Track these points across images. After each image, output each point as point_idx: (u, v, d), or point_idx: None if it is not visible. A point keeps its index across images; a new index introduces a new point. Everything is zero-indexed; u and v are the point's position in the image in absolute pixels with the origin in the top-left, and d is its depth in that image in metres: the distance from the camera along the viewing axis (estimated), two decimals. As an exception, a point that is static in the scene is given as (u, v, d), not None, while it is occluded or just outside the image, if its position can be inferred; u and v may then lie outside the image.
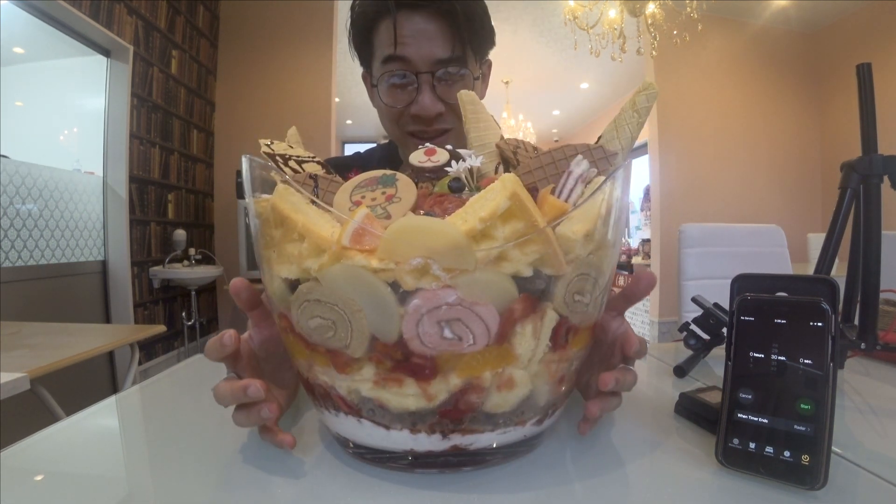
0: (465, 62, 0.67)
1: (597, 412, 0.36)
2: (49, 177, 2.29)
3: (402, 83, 0.67)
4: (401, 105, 0.67)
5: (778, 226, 1.76)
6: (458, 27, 0.64)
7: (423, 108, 0.65)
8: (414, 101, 0.66)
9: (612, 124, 0.40)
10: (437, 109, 0.66)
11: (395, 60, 0.65)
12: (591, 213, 0.31)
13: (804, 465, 0.30)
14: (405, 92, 0.67)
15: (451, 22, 0.64)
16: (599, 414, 0.36)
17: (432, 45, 0.64)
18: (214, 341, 0.36)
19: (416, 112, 0.66)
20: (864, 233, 0.57)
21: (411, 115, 0.67)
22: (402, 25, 0.63)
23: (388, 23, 0.64)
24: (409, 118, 0.68)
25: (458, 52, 0.65)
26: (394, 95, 0.68)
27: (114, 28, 2.56)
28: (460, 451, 0.33)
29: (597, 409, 0.36)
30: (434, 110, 0.66)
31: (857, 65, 0.59)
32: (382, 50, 0.66)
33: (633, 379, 0.37)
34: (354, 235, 0.28)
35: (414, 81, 0.66)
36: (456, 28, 0.64)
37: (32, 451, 0.39)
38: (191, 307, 3.26)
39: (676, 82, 3.86)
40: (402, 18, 0.63)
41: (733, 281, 0.37)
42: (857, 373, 0.61)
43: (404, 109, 0.68)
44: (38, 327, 1.53)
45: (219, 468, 0.36)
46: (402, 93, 0.67)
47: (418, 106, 0.66)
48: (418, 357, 0.29)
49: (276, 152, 0.39)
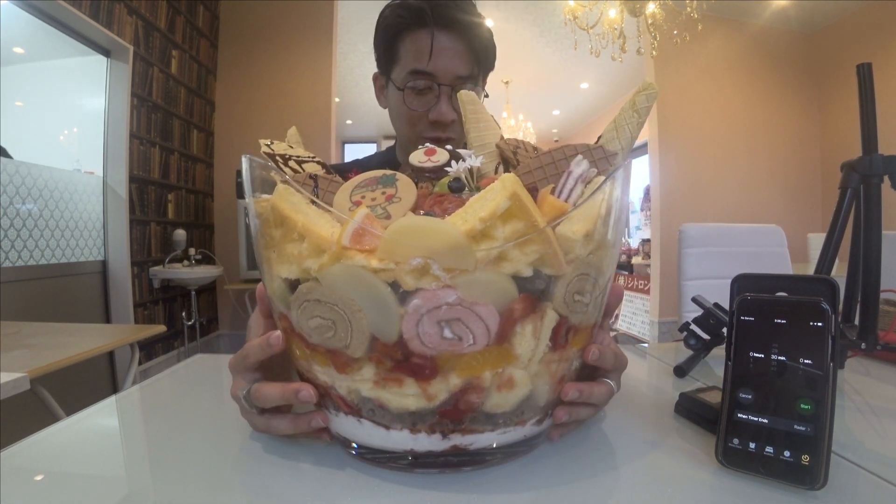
0: (476, 80, 0.75)
1: (563, 417, 0.36)
2: (49, 177, 2.29)
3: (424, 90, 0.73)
4: (422, 110, 0.74)
5: (778, 226, 1.76)
6: (476, 48, 0.73)
7: (442, 114, 0.73)
8: (433, 108, 0.73)
9: (612, 124, 0.40)
10: (452, 117, 0.74)
11: (423, 74, 0.72)
12: (591, 213, 0.31)
13: (804, 465, 0.30)
14: (425, 99, 0.74)
15: (472, 43, 0.72)
16: (568, 419, 0.36)
17: (455, 62, 0.72)
18: (259, 341, 0.36)
19: (435, 118, 0.73)
20: (864, 233, 0.57)
21: (429, 121, 0.74)
22: (436, 41, 0.70)
23: (418, 34, 0.71)
24: (426, 123, 0.75)
25: (475, 72, 0.74)
26: (416, 101, 0.74)
27: (114, 28, 2.56)
28: (460, 451, 0.33)
29: (563, 414, 0.36)
30: (450, 117, 0.73)
31: (857, 65, 0.59)
32: (411, 60, 0.72)
33: (606, 391, 0.37)
34: (354, 235, 0.28)
35: (436, 90, 0.73)
36: (475, 49, 0.73)
37: (32, 451, 0.39)
38: (191, 307, 3.26)
39: (676, 82, 3.86)
40: (438, 34, 0.70)
41: (733, 281, 0.37)
42: (857, 373, 0.61)
43: (423, 114, 0.74)
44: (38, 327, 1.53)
45: (219, 468, 0.36)
46: (422, 99, 0.74)
47: (437, 112, 0.73)
48: (418, 357, 0.29)
49: (276, 152, 0.39)
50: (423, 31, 0.70)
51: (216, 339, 3.64)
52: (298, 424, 0.35)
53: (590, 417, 0.39)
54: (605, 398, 0.37)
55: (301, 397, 0.34)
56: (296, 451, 0.37)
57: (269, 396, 0.35)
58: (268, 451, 0.37)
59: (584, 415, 0.38)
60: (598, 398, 0.37)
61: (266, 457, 0.36)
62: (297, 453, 0.37)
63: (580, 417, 0.38)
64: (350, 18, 3.86)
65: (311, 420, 0.35)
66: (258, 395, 0.35)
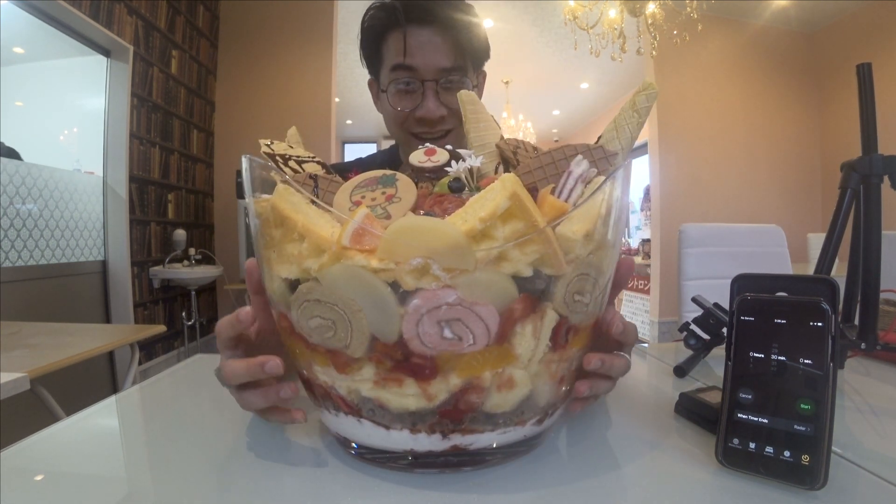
0: (465, 71, 0.73)
1: (584, 391, 0.36)
2: (49, 177, 2.29)
3: (408, 89, 0.72)
4: (407, 109, 0.73)
5: (778, 226, 1.76)
6: (459, 40, 0.71)
7: (428, 111, 0.72)
8: (419, 105, 0.72)
9: (612, 124, 0.40)
10: (441, 113, 0.72)
11: (403, 69, 0.71)
12: (591, 213, 0.31)
13: (804, 465, 0.30)
14: (411, 97, 0.73)
15: (453, 35, 0.71)
16: (589, 394, 0.36)
17: (437, 56, 0.70)
18: (230, 317, 0.36)
19: (422, 115, 0.72)
20: (864, 233, 0.57)
21: (416, 119, 0.73)
22: (411, 37, 0.70)
23: (397, 34, 0.71)
24: (413, 121, 0.74)
25: (460, 62, 0.72)
26: (401, 100, 0.73)
27: (114, 28, 2.56)
28: (460, 451, 0.33)
29: (585, 387, 0.36)
30: (437, 114, 0.72)
31: (857, 65, 0.59)
32: (391, 59, 0.72)
33: (624, 364, 0.38)
34: (354, 235, 0.28)
35: (420, 88, 0.72)
36: (457, 41, 0.71)
37: (32, 451, 0.39)
38: (191, 307, 3.26)
39: (676, 82, 3.86)
40: (411, 31, 0.70)
41: (733, 281, 0.37)
42: (857, 373, 0.61)
43: (410, 113, 0.73)
44: (38, 327, 1.53)
45: (218, 468, 0.35)
46: (408, 98, 0.73)
47: (423, 110, 0.72)
48: (418, 357, 0.29)
49: (276, 152, 0.39)
50: (399, 29, 0.70)
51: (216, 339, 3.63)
52: (268, 396, 0.35)
53: (608, 392, 0.39)
54: (623, 371, 0.38)
55: (267, 369, 0.34)
56: (296, 452, 0.37)
57: (236, 372, 0.35)
58: (268, 451, 0.37)
59: (602, 389, 0.38)
60: (618, 371, 0.37)
61: (266, 457, 0.36)
62: (296, 454, 0.37)
63: (599, 391, 0.38)
64: (350, 18, 3.86)
65: (279, 390, 0.34)
66: (226, 372, 0.35)
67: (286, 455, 0.37)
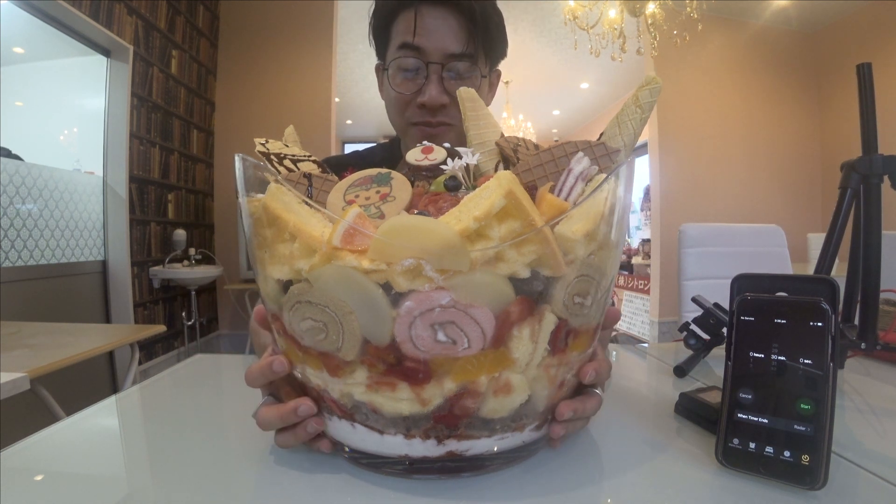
0: (475, 61, 0.69)
1: (560, 432, 0.35)
2: (49, 177, 2.29)
3: (412, 73, 0.69)
4: (409, 93, 0.69)
5: (778, 226, 1.75)
6: (474, 26, 0.67)
7: (430, 97, 0.67)
8: (421, 90, 0.68)
9: (615, 120, 0.39)
10: (443, 101, 0.68)
11: (409, 48, 0.67)
12: (592, 212, 0.30)
13: (804, 465, 0.30)
14: (414, 82, 0.69)
15: (468, 20, 0.67)
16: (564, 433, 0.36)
17: (447, 39, 0.66)
18: (263, 367, 0.35)
19: (423, 101, 0.68)
20: (864, 233, 0.57)
21: (417, 105, 0.69)
22: (422, 16, 0.66)
23: (408, 14, 0.67)
24: (414, 108, 0.70)
25: (471, 50, 0.68)
26: (403, 84, 0.70)
27: (114, 28, 2.56)
28: (456, 458, 0.32)
29: (560, 430, 0.35)
30: (439, 101, 0.68)
31: (857, 65, 0.58)
32: (399, 38, 0.68)
33: (596, 403, 0.37)
34: (345, 235, 0.27)
35: (424, 72, 0.68)
36: (472, 26, 0.67)
37: (32, 451, 0.39)
38: (191, 307, 3.26)
39: (676, 82, 3.85)
40: (423, 9, 0.66)
41: (733, 281, 0.37)
42: (857, 373, 0.60)
43: (411, 98, 0.69)
44: (38, 327, 1.53)
45: (217, 469, 0.35)
46: (411, 83, 0.69)
47: (425, 95, 0.68)
48: (411, 361, 0.29)
49: (272, 151, 0.39)
50: (411, 7, 0.67)
51: (216, 339, 3.63)
52: (298, 435, 0.35)
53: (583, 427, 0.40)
54: (596, 409, 0.38)
55: (300, 413, 0.33)
56: (293, 456, 0.37)
57: (270, 422, 0.35)
58: (265, 454, 0.37)
59: (578, 427, 0.38)
60: (591, 411, 0.37)
61: (264, 460, 0.36)
62: (294, 458, 0.37)
63: (575, 430, 0.38)
64: (350, 18, 3.86)
65: (307, 426, 0.34)
66: (260, 422, 0.35)
67: (284, 459, 0.36)
